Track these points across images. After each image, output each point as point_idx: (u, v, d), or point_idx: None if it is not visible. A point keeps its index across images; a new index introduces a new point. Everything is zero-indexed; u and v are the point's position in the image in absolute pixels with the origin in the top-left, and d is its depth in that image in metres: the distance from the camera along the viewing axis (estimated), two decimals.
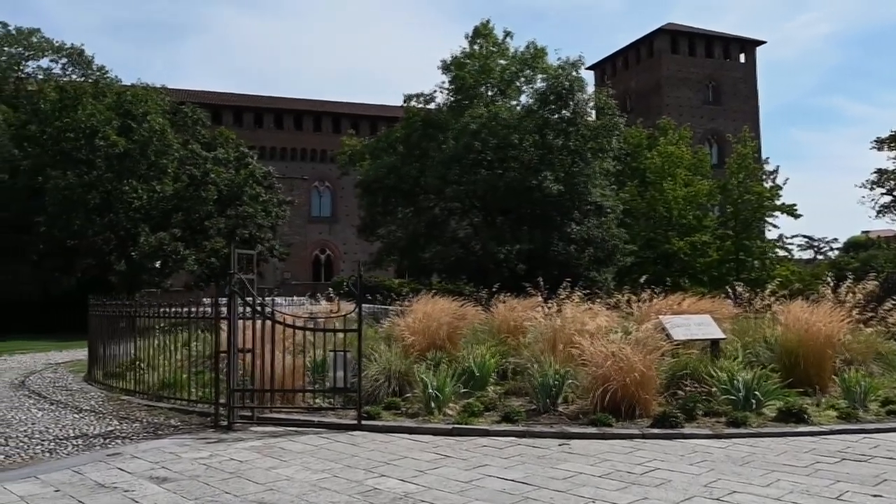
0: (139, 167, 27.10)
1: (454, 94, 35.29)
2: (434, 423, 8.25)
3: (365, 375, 9.48)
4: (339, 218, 57.79)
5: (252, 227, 30.82)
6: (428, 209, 34.38)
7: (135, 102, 28.42)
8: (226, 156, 31.21)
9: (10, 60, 34.94)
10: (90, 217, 25.79)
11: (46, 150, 26.49)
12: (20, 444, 7.59)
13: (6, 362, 16.15)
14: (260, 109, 56.64)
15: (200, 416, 9.12)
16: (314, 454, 7.06)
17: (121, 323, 11.27)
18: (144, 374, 10.66)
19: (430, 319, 11.88)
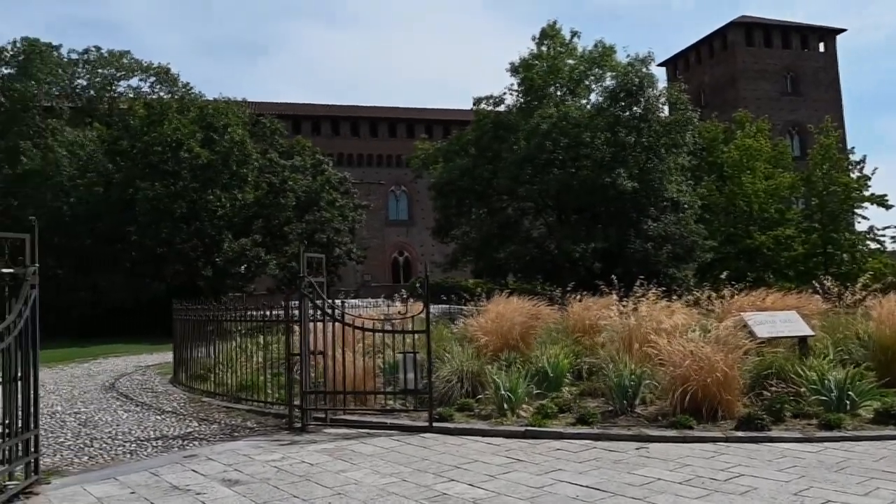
0: (221, 177, 27.88)
1: (523, 96, 34.87)
2: (506, 426, 7.96)
3: (437, 376, 9.29)
4: (416, 220, 58.09)
5: (329, 231, 31.22)
6: (501, 209, 34.04)
7: (216, 115, 29.27)
8: (303, 163, 31.78)
9: (103, 81, 36.72)
10: (177, 225, 26.67)
11: (136, 164, 27.59)
12: (104, 446, 7.72)
13: (101, 365, 16.77)
14: (337, 118, 57.54)
15: (276, 417, 9.11)
16: (384, 457, 6.88)
17: (203, 326, 11.44)
18: (224, 377, 10.78)
19: (504, 319, 11.60)
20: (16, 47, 34.48)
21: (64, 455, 7.32)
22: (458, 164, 34.49)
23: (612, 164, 30.37)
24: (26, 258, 6.13)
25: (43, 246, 21.67)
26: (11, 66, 34.21)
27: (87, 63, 36.81)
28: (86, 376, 14.47)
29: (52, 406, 10.38)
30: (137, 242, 26.63)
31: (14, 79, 33.69)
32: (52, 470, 6.69)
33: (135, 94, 36.36)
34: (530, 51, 35.04)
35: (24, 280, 5.98)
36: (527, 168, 30.64)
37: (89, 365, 16.91)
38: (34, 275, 6.07)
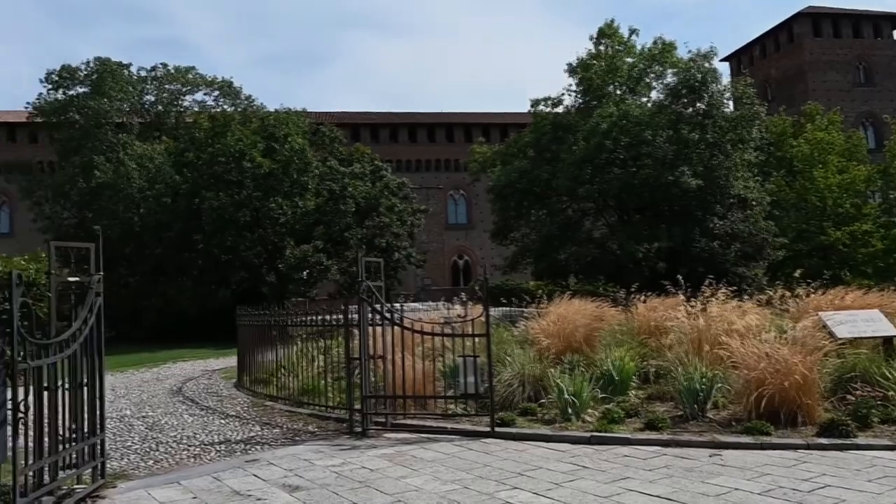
0: (283, 185, 28.34)
1: (582, 96, 34.33)
2: (571, 431, 7.69)
3: (498, 380, 9.08)
4: (475, 224, 57.94)
5: (388, 236, 31.34)
6: (561, 210, 33.53)
7: (277, 126, 29.80)
8: (362, 170, 32.02)
9: (170, 97, 37.93)
10: (241, 233, 27.22)
11: (202, 175, 28.33)
12: (169, 450, 7.78)
13: (170, 370, 17.15)
14: (395, 125, 57.93)
15: (337, 421, 9.05)
16: (445, 463, 6.71)
17: (265, 331, 11.51)
18: (286, 381, 10.80)
19: (566, 321, 11.27)
20: (89, 67, 35.95)
21: (131, 459, 7.41)
22: (516, 166, 34.16)
23: (674, 161, 29.55)
24: (91, 267, 6.20)
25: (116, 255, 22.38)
26: (86, 85, 35.66)
27: (154, 80, 38.11)
28: (154, 381, 14.80)
29: (122, 410, 10.60)
30: (204, 250, 27.30)
31: (88, 97, 35.09)
32: (118, 474, 6.77)
33: (200, 107, 37.41)
34: (588, 50, 34.54)
35: (90, 288, 6.05)
36: (586, 168, 30.08)
37: (158, 369, 17.32)
38: (99, 283, 6.15)
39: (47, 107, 35.82)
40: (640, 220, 31.36)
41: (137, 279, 29.02)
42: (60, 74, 35.65)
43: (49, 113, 35.73)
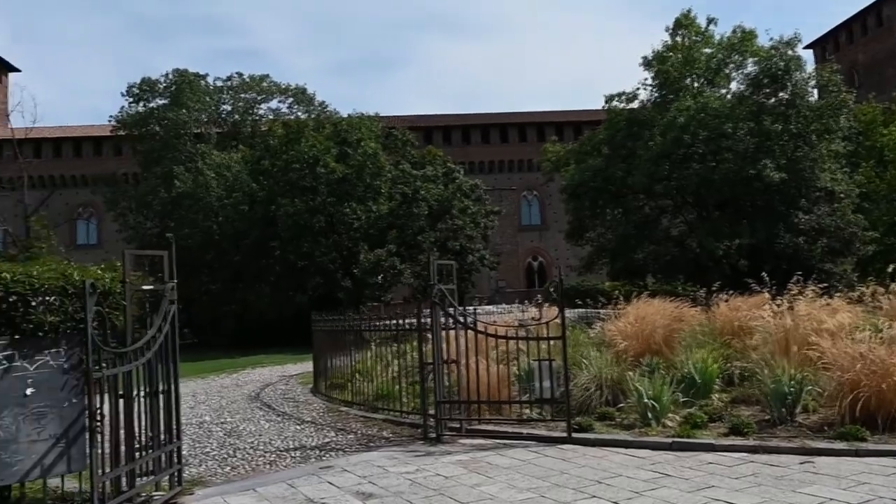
0: (356, 190, 28.78)
1: (658, 90, 33.41)
2: (651, 437, 7.43)
3: (574, 384, 8.90)
4: (549, 225, 57.36)
5: (462, 238, 31.35)
6: (637, 209, 32.73)
7: (349, 131, 30.29)
8: (434, 172, 32.16)
9: (245, 105, 39.14)
10: (317, 239, 27.79)
11: (277, 182, 29.08)
12: (245, 456, 7.93)
13: (248, 375, 17.61)
14: (467, 127, 57.97)
15: (411, 427, 9.04)
16: (521, 470, 6.57)
17: (339, 336, 11.64)
18: (361, 386, 10.89)
19: (644, 322, 10.94)
20: (168, 79, 37.46)
21: (209, 465, 7.58)
22: (590, 164, 33.56)
23: (756, 154, 28.38)
24: (165, 274, 6.36)
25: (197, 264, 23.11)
26: (165, 98, 37.17)
27: (230, 89, 39.41)
28: (234, 386, 15.21)
29: (202, 416, 10.91)
30: (280, 257, 28.00)
31: (167, 109, 36.57)
32: (196, 480, 6.93)
33: (274, 115, 38.41)
34: (664, 42, 33.58)
35: (163, 296, 6.21)
36: (664, 164, 29.25)
37: (238, 375, 17.81)
38: (172, 290, 6.30)
39: (129, 119, 37.48)
40: (721, 217, 30.30)
41: (218, 286, 30.00)
42: (141, 87, 37.26)
43: (131, 125, 37.37)
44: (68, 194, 49.68)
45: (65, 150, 51.25)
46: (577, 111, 57.57)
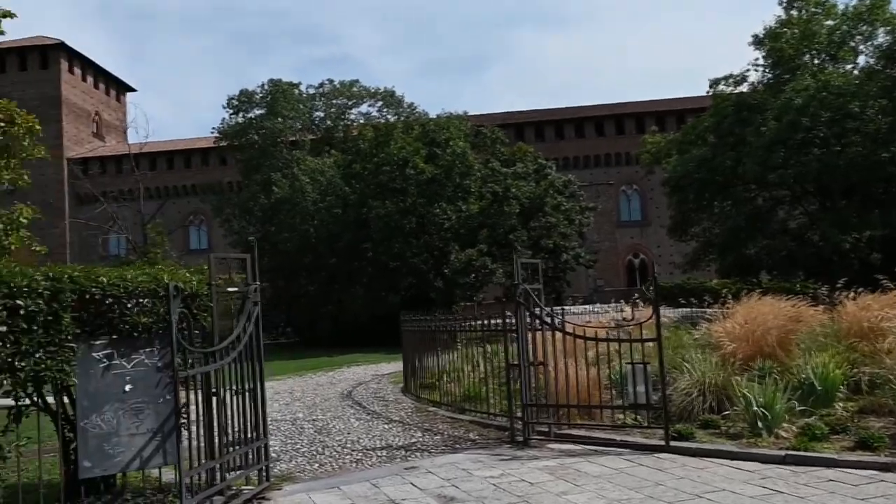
0: (446, 190, 28.95)
1: (770, 70, 31.79)
2: (761, 448, 6.96)
3: (674, 389, 8.51)
4: (650, 220, 55.68)
5: (555, 236, 30.92)
6: (748, 200, 31.28)
7: (438, 131, 30.52)
8: (525, 169, 31.91)
9: (337, 111, 40.22)
10: (408, 240, 28.14)
11: (368, 185, 29.68)
12: (333, 454, 8.04)
13: (343, 374, 17.98)
14: (560, 121, 57.10)
15: (498, 429, 8.91)
16: (612, 479, 6.32)
17: (427, 336, 11.66)
18: (449, 386, 10.86)
19: (755, 323, 10.32)
20: (264, 90, 39.08)
21: (298, 462, 7.73)
22: (694, 154, 32.33)
23: (889, 135, 26.33)
24: (248, 276, 6.51)
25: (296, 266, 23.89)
26: (261, 107, 38.77)
27: (322, 96, 40.67)
28: (328, 384, 15.55)
29: (295, 413, 11.18)
30: (373, 258, 28.50)
31: (264, 118, 38.12)
32: (285, 476, 7.08)
33: (365, 119, 39.31)
34: (777, 17, 31.89)
35: (247, 297, 6.36)
36: (778, 151, 27.73)
37: (333, 374, 18.22)
38: (256, 292, 6.44)
39: (230, 130, 39.40)
40: (847, 206, 28.40)
41: (316, 288, 30.89)
42: (239, 99, 39.08)
43: (231, 136, 39.26)
44: (181, 203, 52.76)
45: (176, 162, 54.41)
46: (679, 99, 55.62)
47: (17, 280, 5.21)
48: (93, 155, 53.71)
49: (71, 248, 48.98)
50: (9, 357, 5.08)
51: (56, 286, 5.37)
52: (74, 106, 54.02)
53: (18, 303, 5.14)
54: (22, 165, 10.89)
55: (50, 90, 52.20)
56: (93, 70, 56.67)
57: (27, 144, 10.68)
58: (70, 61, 54.04)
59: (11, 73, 52.72)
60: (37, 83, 52.20)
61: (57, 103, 52.18)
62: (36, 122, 10.46)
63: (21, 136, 10.39)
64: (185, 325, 5.63)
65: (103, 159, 52.95)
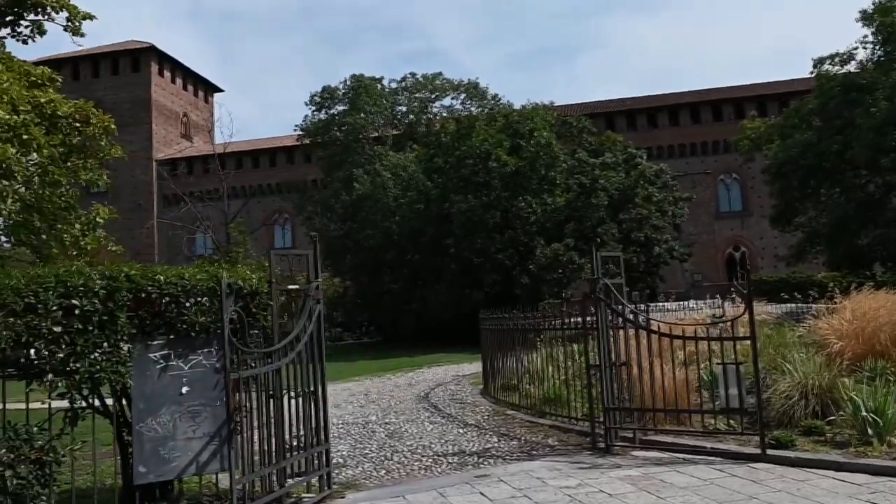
0: (530, 183, 28.40)
1: (881, 46, 29.73)
2: (871, 458, 6.36)
3: (772, 391, 7.93)
4: (752, 210, 53.21)
5: (647, 228, 29.86)
6: (858, 187, 29.40)
7: (521, 121, 29.99)
8: (614, 159, 30.95)
9: (420, 105, 40.24)
10: (491, 235, 27.77)
11: (450, 179, 29.45)
12: (402, 459, 7.86)
13: (422, 374, 17.88)
14: (653, 109, 55.36)
15: (579, 435, 8.53)
16: (700, 491, 5.86)
17: (507, 336, 11.36)
18: (529, 388, 10.53)
19: (865, 319, 9.55)
20: (346, 85, 39.52)
21: (365, 468, 7.59)
22: (797, 139, 30.64)
23: None
24: (309, 273, 6.39)
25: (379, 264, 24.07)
26: (344, 103, 39.23)
27: (404, 90, 40.76)
28: (406, 385, 15.47)
29: (368, 416, 11.10)
30: (455, 254, 28.31)
31: (346, 114, 38.56)
32: (349, 483, 6.94)
33: (448, 112, 39.13)
34: None
35: (308, 295, 6.24)
36: (891, 133, 25.93)
37: (413, 374, 18.15)
38: (317, 290, 6.31)
39: (312, 127, 40.04)
40: None
41: (399, 286, 31.03)
42: (322, 95, 39.64)
43: (314, 133, 39.88)
44: (266, 202, 54.12)
45: (262, 162, 55.94)
46: (781, 82, 52.98)
47: (73, 279, 5.25)
48: (180, 156, 55.97)
49: (159, 249, 51.25)
50: (64, 358, 5.12)
51: (112, 285, 5.38)
52: (164, 108, 56.40)
53: (74, 302, 5.18)
54: (101, 165, 11.22)
55: (140, 93, 54.71)
56: (181, 72, 59.02)
57: (104, 144, 11.00)
58: (160, 64, 56.46)
59: (105, 78, 55.54)
60: (128, 86, 54.81)
61: (147, 106, 54.63)
62: (111, 121, 10.75)
63: (98, 135, 10.70)
64: (239, 325, 5.55)
65: (190, 160, 55.07)
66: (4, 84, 9.20)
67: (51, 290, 5.16)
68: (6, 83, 9.23)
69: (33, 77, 10.21)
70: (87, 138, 10.51)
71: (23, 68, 10.11)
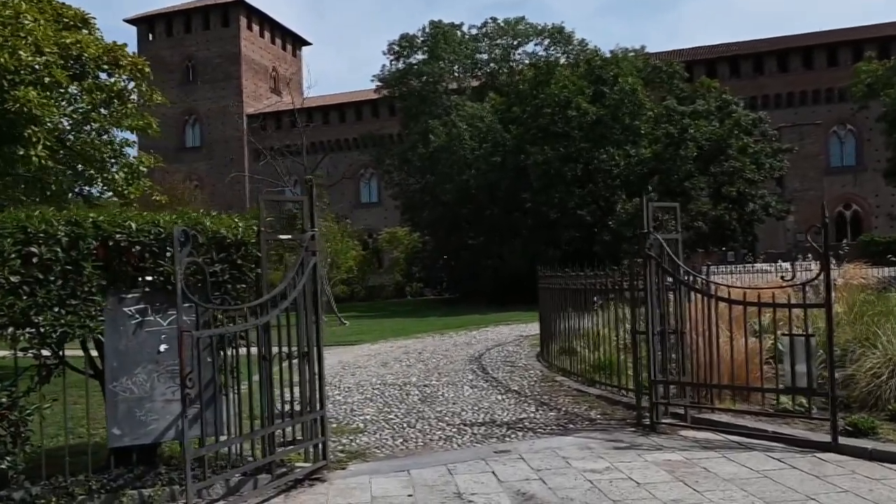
0: (613, 133, 26.76)
1: None
2: None
3: (855, 368, 6.88)
4: (866, 165, 49.29)
5: (740, 182, 27.81)
6: None
7: (604, 67, 28.25)
8: (706, 107, 28.75)
9: (502, 52, 38.69)
10: (570, 189, 26.52)
11: (528, 129, 28.13)
12: (424, 428, 7.27)
13: (486, 334, 17.26)
14: (759, 55, 51.63)
15: (627, 408, 7.70)
16: (747, 486, 4.98)
17: (559, 295, 10.53)
18: (583, 353, 9.71)
19: None
20: (425, 33, 38.41)
21: (382, 435, 7.05)
22: None
23: None
24: (304, 222, 5.78)
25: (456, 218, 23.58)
26: (423, 52, 38.22)
27: (485, 36, 39.25)
28: (465, 345, 14.91)
29: (409, 377, 10.58)
30: (532, 209, 27.27)
31: (425, 63, 37.58)
32: (358, 452, 6.45)
33: (531, 59, 37.48)
34: None
35: (300, 246, 5.64)
36: None
37: (476, 333, 17.58)
38: (312, 240, 5.69)
39: (390, 77, 39.29)
40: None
41: (477, 241, 30.34)
42: (400, 44, 38.72)
43: (391, 83, 39.15)
44: (351, 156, 54.08)
45: (347, 116, 55.89)
46: None
47: (33, 225, 4.84)
48: (268, 110, 56.68)
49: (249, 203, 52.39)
50: (24, 310, 4.73)
51: (76, 232, 4.94)
52: (253, 62, 57.06)
53: (32, 250, 4.76)
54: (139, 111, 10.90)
55: (230, 47, 55.53)
56: (270, 25, 59.44)
57: (144, 89, 10.69)
58: (249, 18, 56.99)
59: (196, 34, 56.63)
60: (219, 41, 55.72)
61: (237, 60, 55.42)
62: (146, 64, 10.38)
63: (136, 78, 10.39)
64: (200, 278, 5.01)
65: (277, 114, 55.69)
66: (29, 25, 8.92)
67: (8, 236, 4.76)
68: (30, 23, 8.94)
69: (65, 18, 9.92)
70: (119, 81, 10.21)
71: (54, 7, 9.84)
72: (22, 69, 8.67)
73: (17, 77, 8.65)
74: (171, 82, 55.41)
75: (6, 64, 8.51)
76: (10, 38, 8.79)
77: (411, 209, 34.60)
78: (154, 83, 11.40)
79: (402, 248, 39.67)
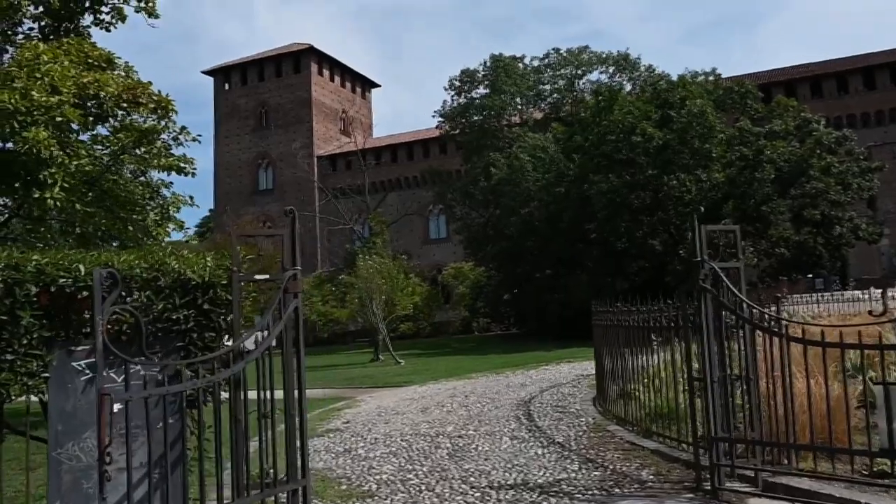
0: (681, 157, 25.17)
1: None
2: None
3: None
4: None
5: (824, 204, 25.73)
6: None
7: (670, 90, 26.82)
8: (784, 127, 26.84)
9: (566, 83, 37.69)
10: (637, 218, 25.08)
11: (591, 158, 26.85)
12: (442, 492, 6.23)
13: (545, 373, 16.14)
14: (843, 73, 48.88)
15: (686, 467, 6.51)
16: None
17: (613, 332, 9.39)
18: (640, 399, 8.52)
19: None
20: (486, 67, 37.90)
21: (393, 501, 6.09)
22: None
23: None
24: (283, 259, 4.98)
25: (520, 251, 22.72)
26: (484, 86, 37.67)
27: (548, 67, 38.38)
28: (518, 386, 13.84)
29: (445, 426, 9.57)
30: (597, 239, 25.97)
31: (486, 97, 37.01)
32: None
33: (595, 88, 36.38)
34: None
35: (279, 287, 4.84)
36: None
37: (533, 372, 16.48)
38: (294, 280, 4.88)
39: (451, 112, 38.86)
40: None
41: (541, 274, 29.18)
42: (461, 79, 38.31)
43: (452, 118, 38.70)
44: (419, 193, 53.79)
45: (415, 153, 55.85)
46: None
47: None
48: (338, 152, 57.30)
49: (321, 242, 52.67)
50: None
51: (13, 277, 4.28)
52: (323, 106, 57.96)
53: None
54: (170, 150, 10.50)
55: (302, 93, 56.63)
56: (339, 70, 60.40)
57: (169, 126, 10.28)
58: (319, 63, 58.08)
59: (269, 81, 58.06)
60: (290, 87, 56.94)
61: (308, 104, 56.43)
62: (170, 100, 9.96)
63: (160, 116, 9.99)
64: (136, 329, 4.24)
65: (346, 155, 56.15)
66: (46, 66, 8.60)
67: None
68: (48, 64, 8.62)
69: (90, 59, 9.60)
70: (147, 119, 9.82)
71: (79, 51, 9.53)
72: (35, 110, 8.32)
73: (28, 118, 8.29)
74: (246, 128, 56.91)
75: (17, 105, 8.17)
76: (25, 80, 8.50)
77: (475, 243, 33.77)
78: (229, 129, 11.10)
79: (467, 283, 38.79)
